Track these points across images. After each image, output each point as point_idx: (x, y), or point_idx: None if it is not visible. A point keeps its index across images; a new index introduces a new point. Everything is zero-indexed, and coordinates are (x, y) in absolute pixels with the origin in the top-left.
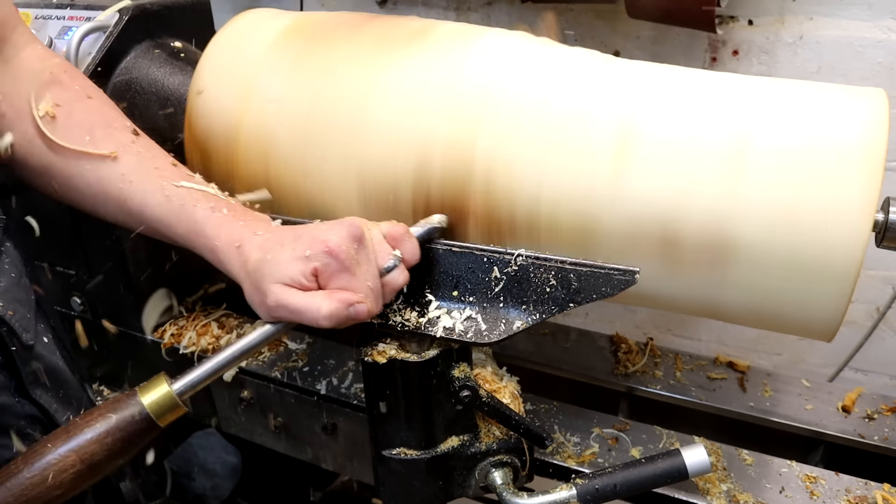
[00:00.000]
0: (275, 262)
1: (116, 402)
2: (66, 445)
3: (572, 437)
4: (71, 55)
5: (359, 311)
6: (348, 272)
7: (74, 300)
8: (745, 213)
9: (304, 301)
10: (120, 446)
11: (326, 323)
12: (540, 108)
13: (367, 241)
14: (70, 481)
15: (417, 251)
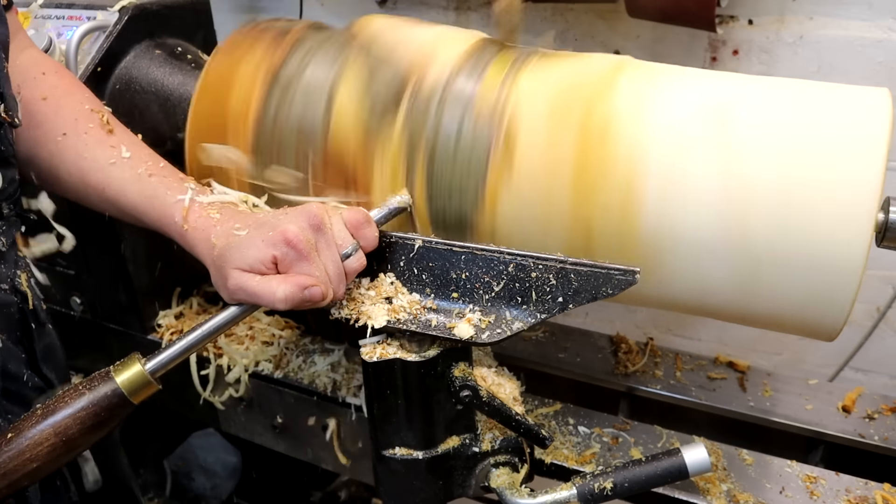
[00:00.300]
0: (236, 248)
1: (91, 380)
2: (44, 421)
3: (572, 437)
4: (71, 55)
5: (313, 294)
6: (306, 260)
7: (74, 300)
8: (749, 213)
9: (260, 285)
10: (93, 422)
11: (282, 305)
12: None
13: (327, 228)
14: (45, 454)
15: (376, 237)
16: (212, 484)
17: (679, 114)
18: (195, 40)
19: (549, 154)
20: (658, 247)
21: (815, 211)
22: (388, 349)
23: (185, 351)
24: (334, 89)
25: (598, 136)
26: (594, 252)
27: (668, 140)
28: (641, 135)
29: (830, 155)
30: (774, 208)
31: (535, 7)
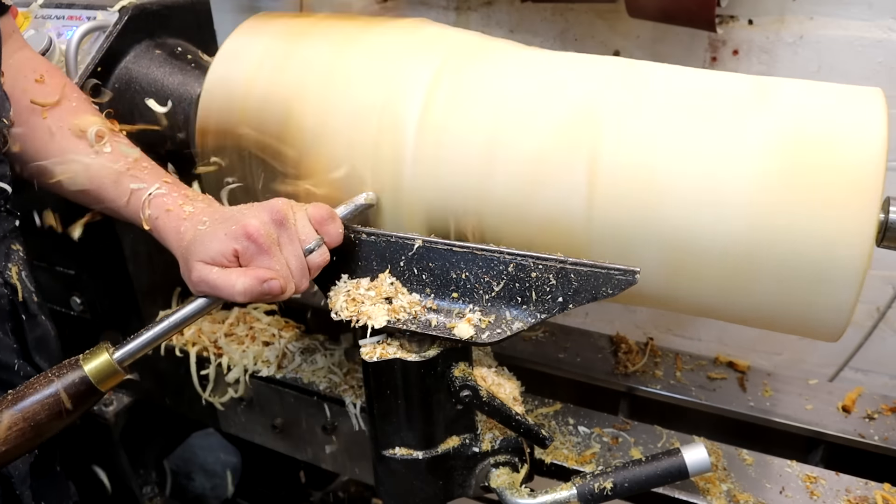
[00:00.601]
0: (201, 242)
1: (60, 368)
2: (13, 406)
3: (572, 437)
4: (71, 55)
5: (272, 287)
6: (266, 254)
7: (74, 300)
8: (747, 213)
9: (220, 277)
10: (61, 408)
11: (241, 297)
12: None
13: (290, 223)
14: (14, 438)
15: (340, 233)
16: (212, 484)
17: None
18: (195, 40)
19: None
20: (662, 245)
21: (816, 211)
22: (388, 349)
23: (153, 341)
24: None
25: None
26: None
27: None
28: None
29: (830, 155)
30: (774, 208)
31: (535, 7)
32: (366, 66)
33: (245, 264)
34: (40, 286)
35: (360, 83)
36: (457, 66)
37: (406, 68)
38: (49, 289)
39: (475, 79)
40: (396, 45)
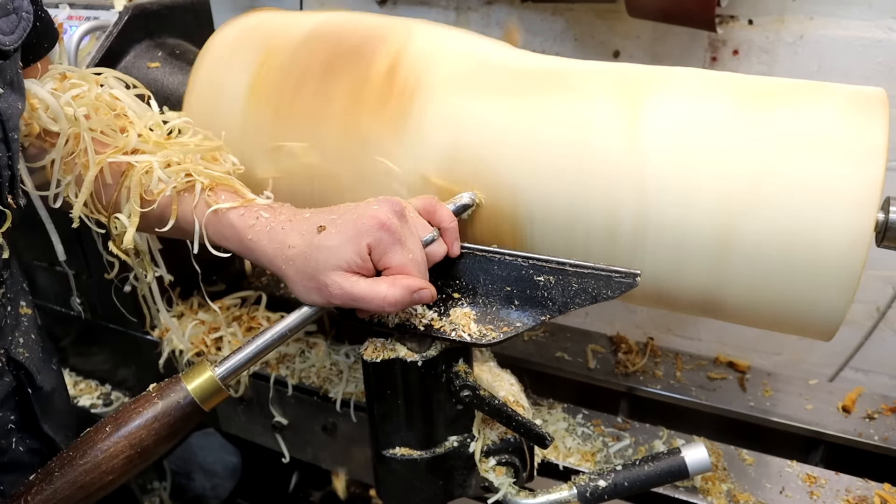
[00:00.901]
0: (326, 248)
1: (162, 388)
2: (116, 433)
3: (572, 436)
4: (71, 54)
5: (423, 297)
6: (400, 244)
7: (74, 300)
8: (747, 213)
9: (368, 289)
10: (167, 431)
11: (392, 309)
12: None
13: (408, 215)
14: (121, 466)
15: (453, 217)
16: (212, 484)
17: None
18: (195, 40)
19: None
20: (663, 243)
21: (814, 211)
22: (389, 349)
23: (255, 356)
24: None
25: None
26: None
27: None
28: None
29: (830, 155)
30: (773, 208)
31: (535, 7)
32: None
33: (377, 259)
34: (40, 286)
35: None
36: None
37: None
38: (49, 289)
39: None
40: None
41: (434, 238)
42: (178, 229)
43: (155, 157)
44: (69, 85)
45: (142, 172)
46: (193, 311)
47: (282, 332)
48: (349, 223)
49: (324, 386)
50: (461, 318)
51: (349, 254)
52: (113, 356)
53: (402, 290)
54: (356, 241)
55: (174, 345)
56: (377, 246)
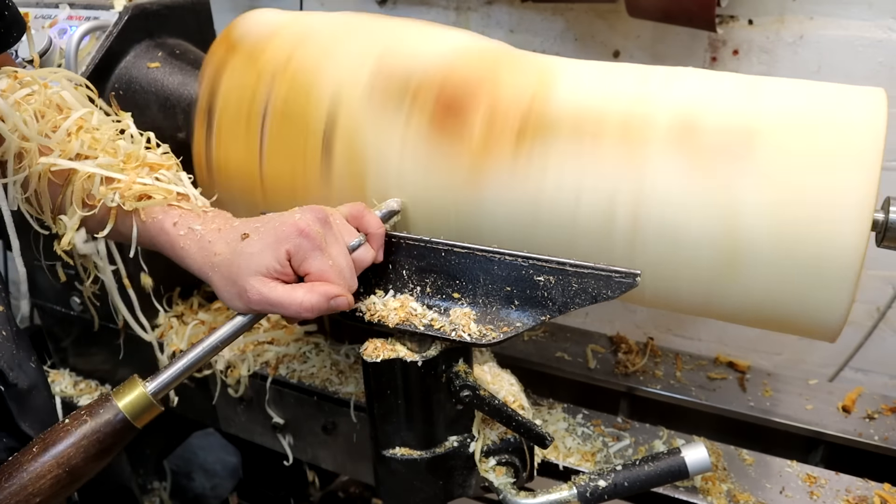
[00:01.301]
0: (247, 254)
1: (91, 407)
2: (44, 453)
3: (572, 436)
4: (70, 54)
5: (339, 304)
6: (319, 250)
7: (74, 300)
8: (747, 214)
9: (286, 295)
10: (96, 449)
11: (308, 315)
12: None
13: (332, 221)
14: (49, 487)
15: (381, 224)
16: (212, 484)
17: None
18: (195, 40)
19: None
20: (661, 244)
21: (812, 211)
22: (389, 349)
23: (187, 369)
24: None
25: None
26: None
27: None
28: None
29: (827, 155)
30: (772, 208)
31: (535, 7)
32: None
33: (297, 265)
34: (40, 286)
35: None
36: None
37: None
38: (49, 289)
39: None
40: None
41: (360, 243)
42: (115, 233)
43: (96, 165)
44: (18, 85)
45: (84, 178)
46: (193, 312)
47: (213, 345)
48: (271, 231)
49: (324, 386)
50: (461, 318)
51: (268, 259)
52: (113, 356)
53: (319, 297)
54: (276, 247)
55: (174, 345)
56: (297, 252)
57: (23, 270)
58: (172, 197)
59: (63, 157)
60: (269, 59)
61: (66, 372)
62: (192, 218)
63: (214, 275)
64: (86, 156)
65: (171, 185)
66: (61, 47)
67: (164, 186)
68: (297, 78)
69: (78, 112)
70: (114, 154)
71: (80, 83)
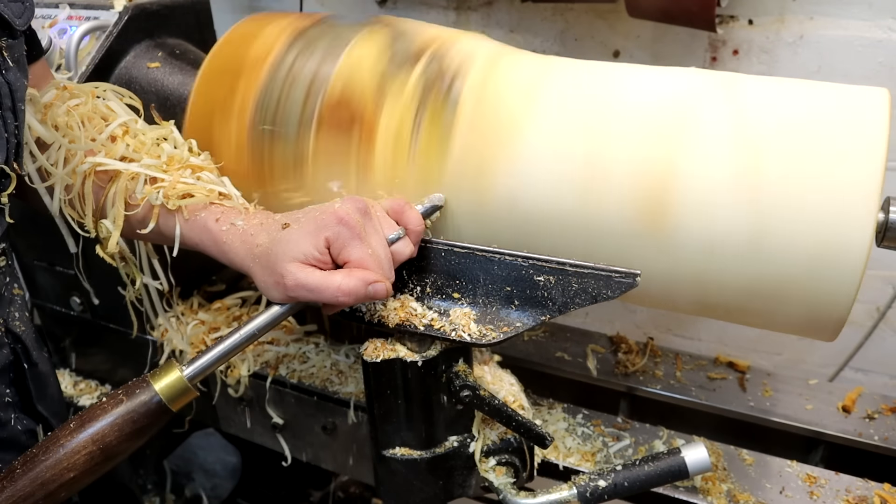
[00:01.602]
0: (285, 241)
1: (130, 388)
2: (81, 430)
3: (572, 436)
4: (71, 55)
5: (377, 290)
6: (359, 239)
7: (74, 300)
8: (748, 214)
9: (322, 280)
10: (131, 429)
11: (346, 300)
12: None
13: (372, 213)
14: (83, 463)
15: (421, 220)
16: (212, 484)
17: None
18: (195, 40)
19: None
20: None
21: (815, 211)
22: (389, 349)
23: (225, 355)
24: (357, 42)
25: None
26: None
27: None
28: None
29: (830, 155)
30: (773, 208)
31: (535, 7)
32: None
33: (336, 254)
34: (40, 286)
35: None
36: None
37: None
38: (49, 289)
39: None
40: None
41: (399, 236)
42: (157, 233)
43: (140, 166)
44: (68, 95)
45: (128, 179)
46: (193, 312)
47: (251, 332)
48: (311, 220)
49: (324, 386)
50: (461, 318)
51: (306, 246)
52: (113, 356)
53: (357, 281)
54: (315, 234)
55: (174, 345)
56: (336, 240)
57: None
58: (214, 196)
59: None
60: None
61: (66, 372)
62: (234, 214)
63: (255, 265)
64: (130, 158)
65: (213, 186)
66: (61, 47)
67: (206, 186)
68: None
69: (122, 118)
70: (157, 157)
71: (125, 94)
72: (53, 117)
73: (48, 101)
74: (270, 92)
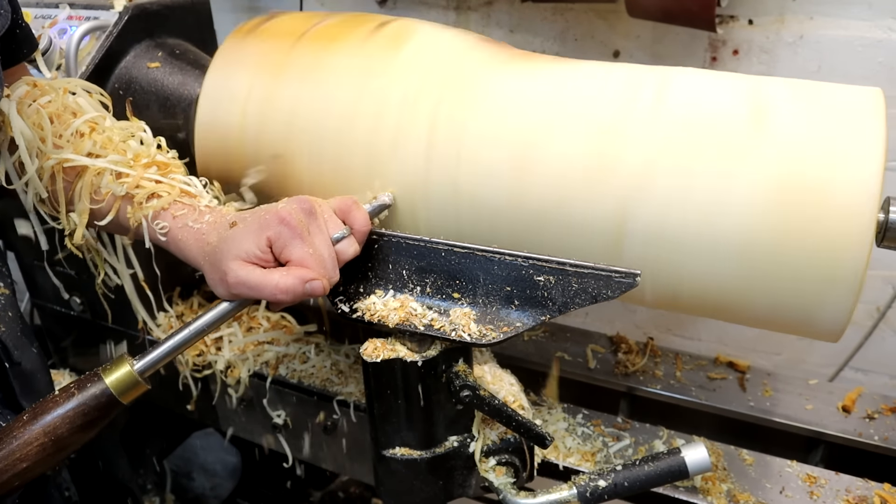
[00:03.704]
0: (231, 240)
1: (81, 381)
2: (33, 422)
3: (572, 436)
4: (71, 55)
5: (314, 288)
6: (300, 238)
7: (74, 300)
8: (749, 214)
9: (262, 277)
10: (82, 422)
11: (284, 297)
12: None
13: (318, 213)
14: (35, 454)
15: (367, 221)
16: (212, 484)
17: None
18: (195, 40)
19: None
20: (661, 244)
21: (815, 212)
22: (389, 349)
23: (174, 350)
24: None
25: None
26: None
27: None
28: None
29: (830, 155)
30: (775, 209)
31: (535, 7)
32: (349, 110)
33: (278, 253)
34: (40, 286)
35: (346, 134)
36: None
37: (392, 109)
38: (49, 289)
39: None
40: (371, 77)
41: (344, 236)
42: (116, 225)
43: (105, 161)
44: (39, 92)
45: (94, 174)
46: (193, 312)
47: (199, 328)
48: (255, 220)
49: (324, 386)
50: (461, 317)
51: (249, 245)
52: (113, 356)
53: (294, 279)
54: (257, 234)
55: None
56: (277, 239)
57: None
58: (176, 193)
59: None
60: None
61: (66, 372)
62: (191, 213)
63: (205, 263)
64: (97, 154)
65: (179, 184)
66: (61, 47)
67: (170, 183)
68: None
69: (90, 114)
70: (123, 153)
71: (95, 91)
72: (24, 114)
73: (19, 97)
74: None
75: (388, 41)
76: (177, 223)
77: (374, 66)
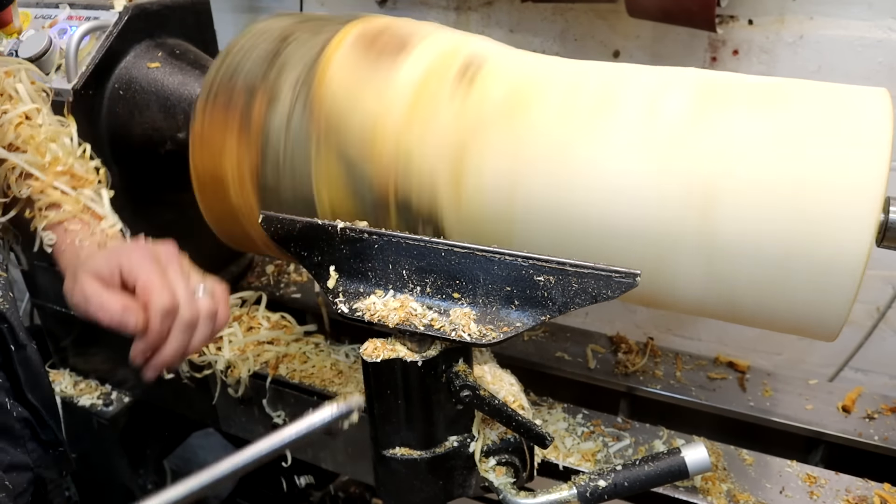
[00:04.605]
0: (93, 258)
1: None
2: None
3: (572, 437)
4: (71, 55)
5: (126, 320)
6: (152, 263)
7: None
8: (749, 214)
9: (95, 293)
10: None
11: (101, 316)
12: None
13: (182, 264)
14: None
15: (227, 316)
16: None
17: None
18: (195, 40)
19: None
20: (661, 244)
21: (816, 211)
22: (389, 349)
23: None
24: (318, 190)
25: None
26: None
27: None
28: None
29: (832, 155)
30: (775, 209)
31: (535, 7)
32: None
33: (126, 276)
34: (40, 286)
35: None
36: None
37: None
38: (49, 289)
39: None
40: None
41: (203, 291)
42: (17, 222)
43: (21, 159)
44: None
45: (8, 168)
46: None
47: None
48: (121, 246)
49: (324, 386)
50: (461, 317)
51: (101, 264)
52: (113, 356)
53: (116, 305)
54: (112, 259)
55: None
56: (127, 263)
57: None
58: (79, 209)
59: None
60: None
61: (66, 372)
62: (84, 231)
63: (69, 273)
64: (17, 147)
65: (84, 199)
66: (61, 47)
67: (76, 197)
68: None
69: (25, 106)
70: (42, 155)
71: (41, 75)
72: None
73: None
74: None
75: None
76: (66, 238)
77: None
